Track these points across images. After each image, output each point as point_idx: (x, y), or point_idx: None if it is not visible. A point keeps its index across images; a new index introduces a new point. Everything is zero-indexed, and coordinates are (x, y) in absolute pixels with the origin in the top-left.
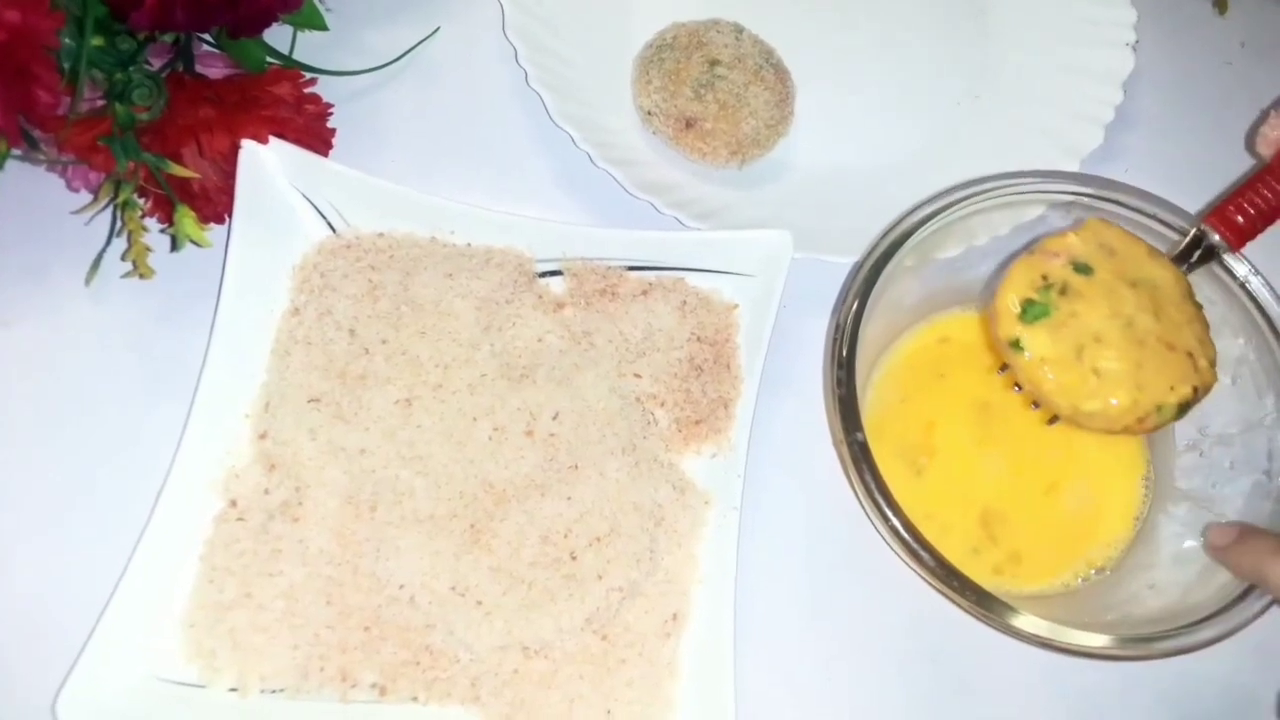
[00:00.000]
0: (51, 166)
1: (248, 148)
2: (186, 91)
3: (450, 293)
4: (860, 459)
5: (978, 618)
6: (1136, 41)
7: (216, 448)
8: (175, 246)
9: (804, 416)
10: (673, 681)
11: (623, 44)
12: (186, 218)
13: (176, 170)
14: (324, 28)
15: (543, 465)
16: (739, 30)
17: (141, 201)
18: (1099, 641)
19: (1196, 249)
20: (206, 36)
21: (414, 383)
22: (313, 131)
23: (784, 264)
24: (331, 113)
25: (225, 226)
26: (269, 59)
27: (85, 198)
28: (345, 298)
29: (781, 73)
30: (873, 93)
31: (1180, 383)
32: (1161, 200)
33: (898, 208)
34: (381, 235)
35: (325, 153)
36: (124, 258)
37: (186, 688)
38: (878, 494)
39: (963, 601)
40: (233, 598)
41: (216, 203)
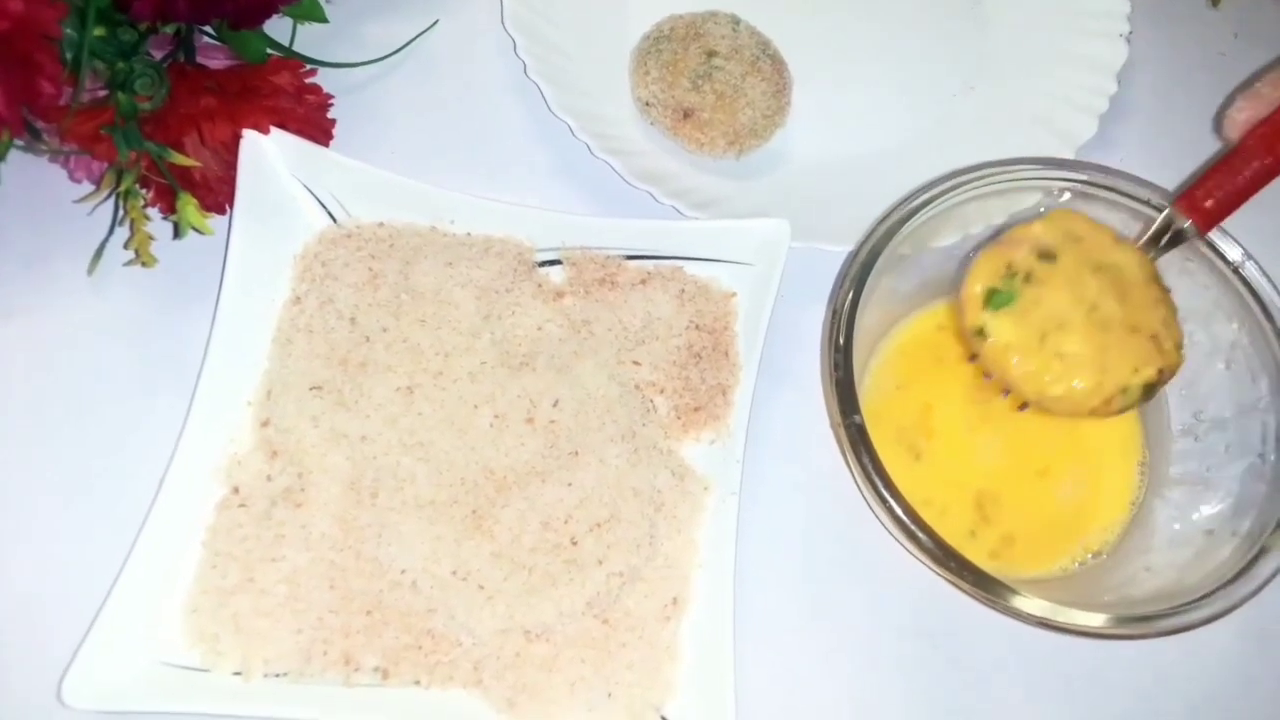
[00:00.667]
0: (54, 157)
1: (249, 138)
2: (188, 81)
3: (450, 281)
4: (858, 441)
5: (976, 599)
6: (1130, 32)
7: (219, 435)
8: (178, 234)
9: (802, 403)
10: (673, 664)
11: (620, 35)
12: (189, 205)
13: (179, 159)
14: (324, 20)
15: (543, 452)
16: (736, 22)
17: (144, 192)
18: (1097, 621)
19: (1165, 234)
20: (207, 28)
21: (415, 370)
22: (313, 122)
23: (781, 252)
24: (332, 104)
25: (226, 216)
26: (269, 51)
27: (87, 188)
28: (346, 286)
29: (778, 64)
30: (869, 83)
31: (1144, 365)
32: (1156, 187)
33: (894, 197)
34: (382, 225)
35: (326, 143)
36: (126, 246)
37: (190, 672)
38: (875, 476)
39: (961, 583)
40: (236, 583)
41: (218, 192)
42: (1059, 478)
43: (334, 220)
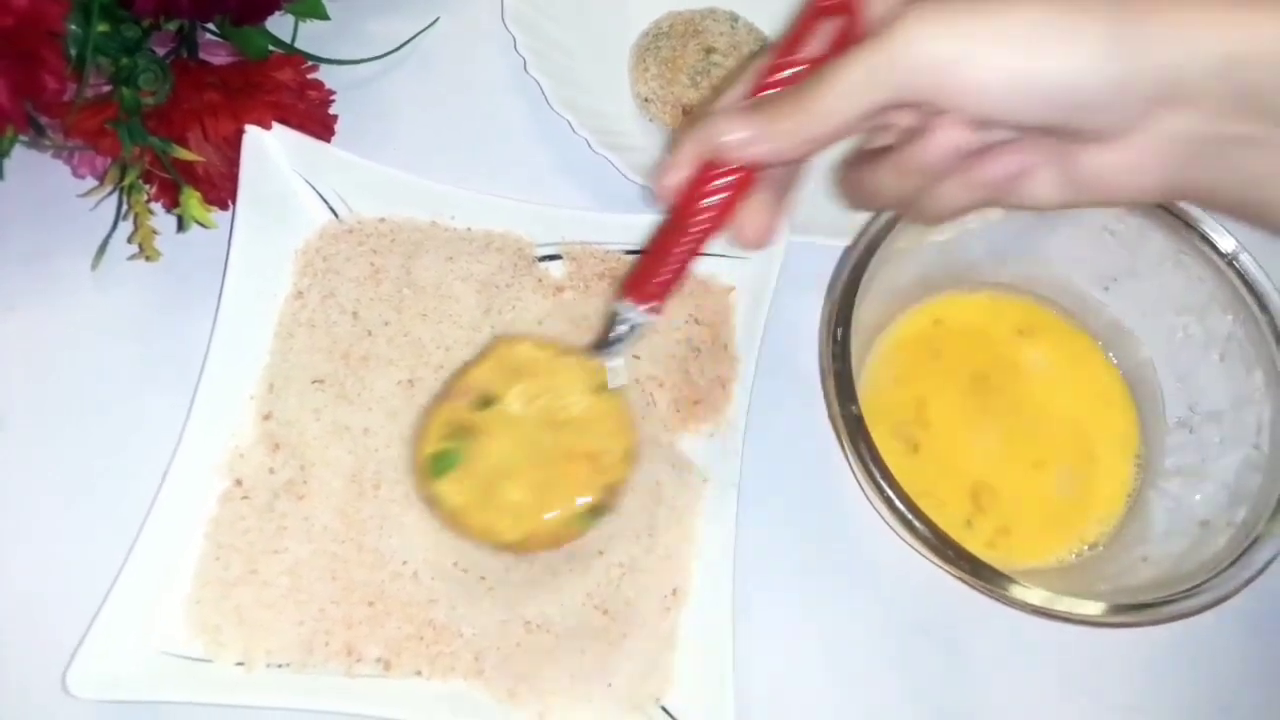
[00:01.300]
0: (57, 153)
1: (251, 133)
2: (191, 77)
3: (451, 276)
4: (855, 432)
5: (973, 587)
6: None
7: (222, 429)
8: (181, 227)
9: (800, 396)
10: (673, 654)
11: (620, 32)
12: (192, 199)
13: (182, 154)
14: (325, 17)
15: None
16: (734, 18)
17: (147, 187)
18: (1094, 609)
19: (613, 327)
20: (210, 25)
21: (416, 364)
22: (315, 118)
23: (779, 247)
24: (334, 100)
25: (229, 212)
26: (271, 47)
27: (90, 184)
28: (348, 281)
29: None
30: None
31: (584, 491)
32: None
33: None
34: (383, 220)
35: (328, 139)
36: (130, 240)
37: (193, 662)
38: (873, 466)
39: (958, 572)
40: (238, 574)
41: (220, 188)
42: (1055, 470)
43: (336, 215)
